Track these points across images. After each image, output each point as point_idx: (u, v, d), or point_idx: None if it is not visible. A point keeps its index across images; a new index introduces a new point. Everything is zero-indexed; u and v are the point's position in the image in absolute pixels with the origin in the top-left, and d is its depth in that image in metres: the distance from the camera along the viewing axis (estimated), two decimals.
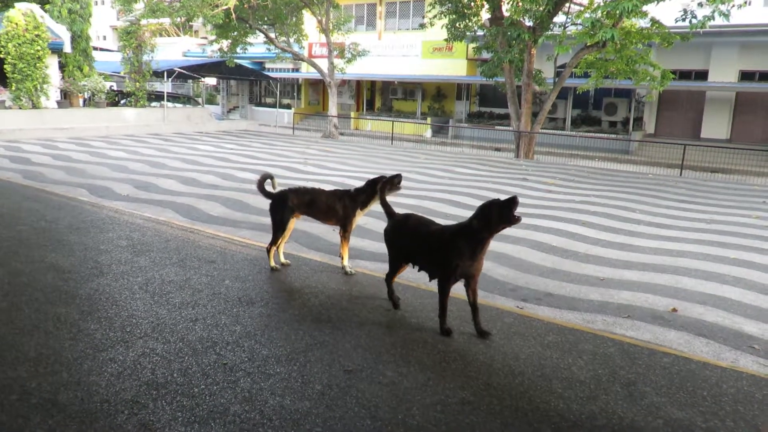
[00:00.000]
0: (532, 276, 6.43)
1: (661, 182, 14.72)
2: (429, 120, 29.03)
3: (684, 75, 23.59)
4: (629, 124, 24.84)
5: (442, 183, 12.72)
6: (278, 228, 5.58)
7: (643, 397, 3.49)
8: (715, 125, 23.73)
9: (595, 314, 5.33)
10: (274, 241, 5.65)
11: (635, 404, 3.40)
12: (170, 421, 3.07)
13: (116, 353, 3.79)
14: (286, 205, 5.54)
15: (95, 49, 25.06)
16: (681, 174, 16.92)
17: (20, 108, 19.92)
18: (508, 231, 8.33)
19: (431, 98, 31.13)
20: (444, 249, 4.18)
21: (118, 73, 25.79)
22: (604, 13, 15.41)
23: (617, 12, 14.90)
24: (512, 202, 3.94)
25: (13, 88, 19.80)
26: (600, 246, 7.83)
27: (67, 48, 21.61)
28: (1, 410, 3.09)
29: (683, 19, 15.72)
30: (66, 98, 22.51)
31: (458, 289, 5.77)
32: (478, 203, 10.38)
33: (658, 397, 3.50)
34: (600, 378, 3.72)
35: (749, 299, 5.90)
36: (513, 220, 3.94)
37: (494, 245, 7.53)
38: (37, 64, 19.91)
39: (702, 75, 23.71)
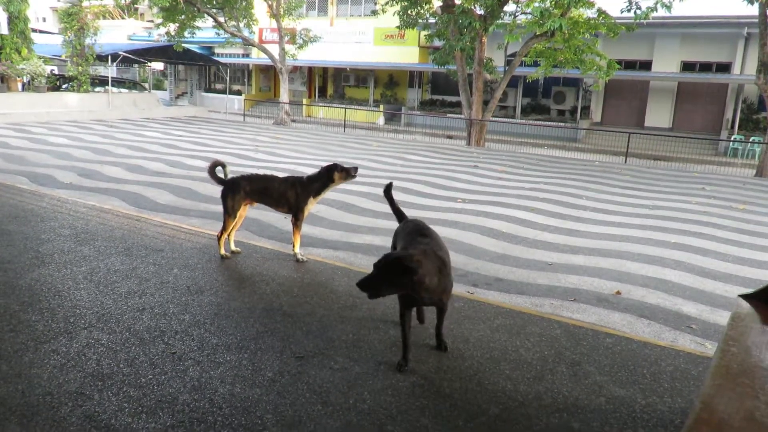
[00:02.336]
0: (483, 262, 6.53)
1: (607, 169, 15.14)
2: (381, 107, 29.05)
3: (629, 65, 24.27)
4: (577, 112, 25.43)
5: (395, 170, 12.75)
6: (229, 215, 5.49)
7: (587, 377, 3.60)
8: (659, 114, 24.52)
9: (543, 298, 5.46)
10: (225, 229, 5.57)
11: (579, 383, 3.51)
12: (116, 411, 3.00)
13: (59, 345, 3.68)
14: (238, 192, 5.46)
15: (34, 31, 24.04)
16: (626, 161, 17.43)
17: None
18: (458, 217, 8.48)
19: (383, 85, 31.13)
20: None
21: (59, 56, 24.81)
22: (553, 2, 15.67)
23: (565, 2, 15.18)
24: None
25: None
26: (548, 232, 8.01)
27: (4, 29, 20.69)
28: None
29: (628, 10, 16.14)
30: (3, 82, 21.57)
31: None
32: (431, 191, 10.51)
33: (601, 376, 3.62)
34: (546, 359, 3.82)
35: (688, 281, 6.15)
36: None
37: (445, 231, 7.63)
38: None
39: (646, 65, 24.43)
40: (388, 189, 4.67)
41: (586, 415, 3.16)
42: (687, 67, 23.92)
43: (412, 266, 3.18)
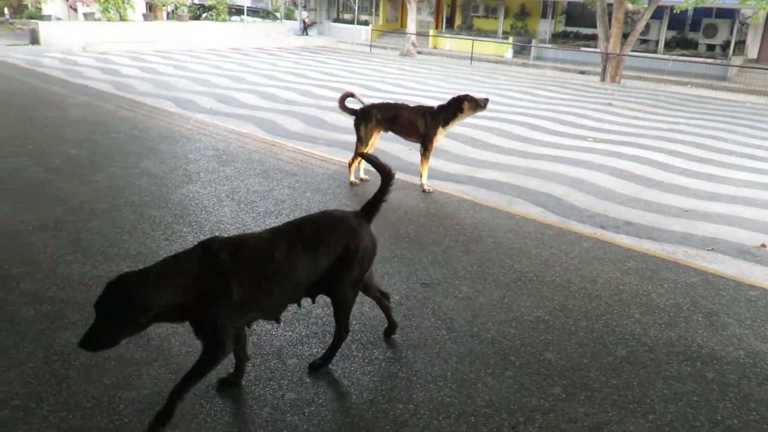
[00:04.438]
0: (611, 204, 6.28)
1: (759, 112, 13.75)
2: (511, 39, 27.88)
3: None
4: (729, 47, 23.06)
5: (521, 105, 12.36)
6: (361, 142, 5.64)
7: (725, 328, 3.43)
8: None
9: (677, 245, 5.19)
10: (356, 156, 5.73)
11: (716, 334, 3.35)
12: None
13: None
14: (370, 120, 5.58)
15: None
16: None
17: (108, 20, 20.48)
18: (587, 156, 8.13)
19: (514, 16, 29.78)
20: None
21: None
22: None
23: None
24: None
25: (102, 0, 20.30)
26: (686, 176, 7.51)
27: None
28: None
29: None
30: (151, 11, 22.94)
31: (532, 212, 5.73)
32: (559, 128, 10.12)
33: (741, 329, 3.42)
34: (680, 306, 3.67)
35: None
36: None
37: (571, 170, 7.39)
38: None
39: None
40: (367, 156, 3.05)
41: (722, 367, 3.03)
42: None
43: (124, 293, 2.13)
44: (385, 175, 2.83)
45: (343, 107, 5.73)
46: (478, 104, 5.43)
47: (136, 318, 2.14)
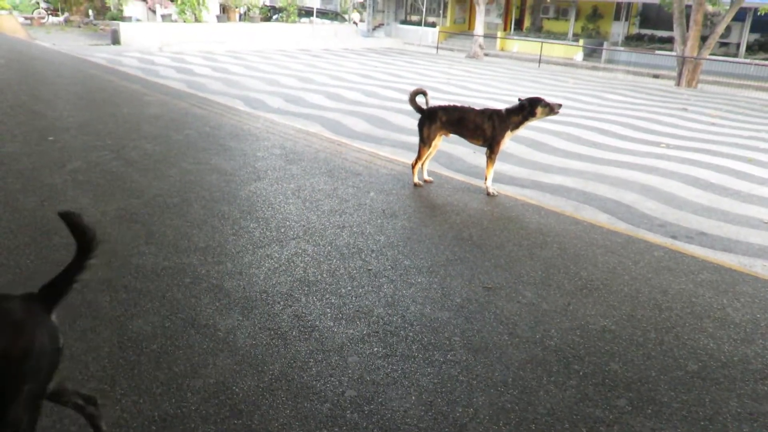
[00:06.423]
0: (684, 213, 6.04)
1: None
2: (581, 42, 27.22)
3: None
4: None
5: (590, 110, 12.05)
6: (424, 144, 5.63)
7: None
8: None
9: (755, 258, 4.94)
10: (419, 157, 5.73)
11: None
12: (320, 315, 3.32)
13: (272, 251, 4.12)
14: (435, 121, 5.56)
15: None
16: None
17: (184, 21, 21.22)
18: (659, 163, 7.85)
19: (586, 18, 29.06)
20: None
21: None
22: None
23: None
24: None
25: (179, 2, 21.07)
26: (767, 186, 7.14)
27: None
28: (177, 290, 3.50)
29: None
30: (224, 13, 23.64)
31: (600, 218, 5.57)
32: (630, 133, 9.81)
33: None
34: (758, 322, 3.48)
35: None
36: None
37: (642, 177, 7.15)
38: None
39: None
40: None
41: None
42: None
43: None
44: (83, 242, 2.00)
45: (413, 103, 5.75)
46: (552, 109, 5.34)
47: None
